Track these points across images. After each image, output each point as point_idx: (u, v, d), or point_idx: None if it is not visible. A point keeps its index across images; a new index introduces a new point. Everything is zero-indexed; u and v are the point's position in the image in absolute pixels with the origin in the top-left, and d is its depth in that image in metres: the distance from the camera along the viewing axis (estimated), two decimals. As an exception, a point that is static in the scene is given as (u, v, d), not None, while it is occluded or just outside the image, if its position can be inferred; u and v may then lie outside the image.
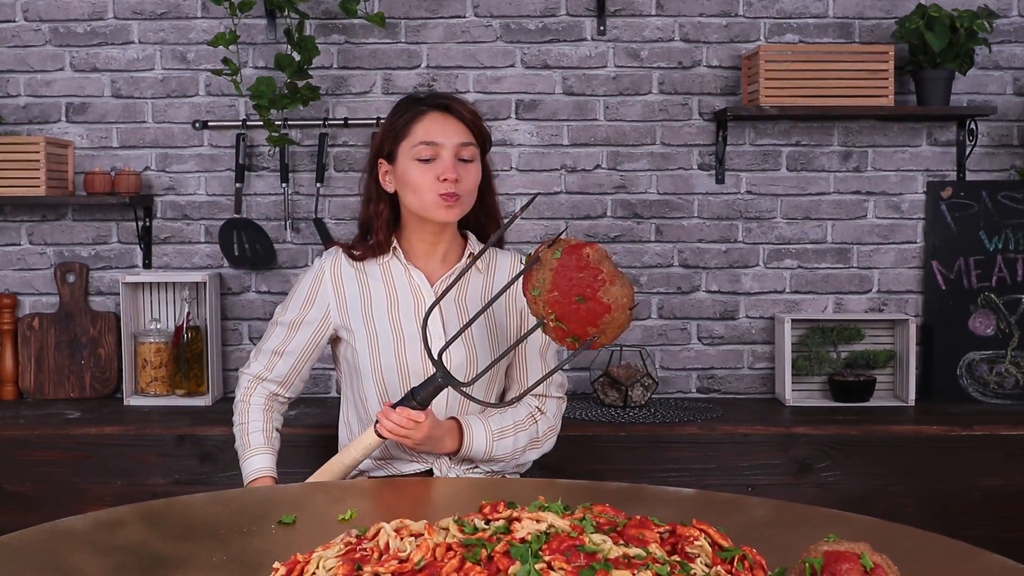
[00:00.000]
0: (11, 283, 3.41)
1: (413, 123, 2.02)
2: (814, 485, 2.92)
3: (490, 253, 2.14)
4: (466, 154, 2.02)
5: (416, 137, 2.01)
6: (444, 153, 2.00)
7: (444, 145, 2.00)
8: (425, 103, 2.04)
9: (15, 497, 2.91)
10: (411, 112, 2.04)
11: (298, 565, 1.28)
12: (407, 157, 2.02)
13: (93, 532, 1.56)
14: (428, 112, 2.03)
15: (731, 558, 1.28)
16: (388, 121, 2.08)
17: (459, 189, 2.00)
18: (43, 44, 3.38)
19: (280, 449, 2.20)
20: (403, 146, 2.03)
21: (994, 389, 3.30)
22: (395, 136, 2.04)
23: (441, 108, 2.03)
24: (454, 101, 2.05)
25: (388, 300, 2.07)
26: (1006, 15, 3.35)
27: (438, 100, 2.04)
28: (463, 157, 2.01)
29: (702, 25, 3.36)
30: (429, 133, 2.01)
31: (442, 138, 2.00)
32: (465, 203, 2.03)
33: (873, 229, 3.39)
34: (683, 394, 3.43)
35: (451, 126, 2.02)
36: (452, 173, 1.98)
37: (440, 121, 2.02)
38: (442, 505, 1.74)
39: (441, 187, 1.98)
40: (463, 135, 2.02)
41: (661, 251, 3.39)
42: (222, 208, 3.39)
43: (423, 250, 2.09)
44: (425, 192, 1.99)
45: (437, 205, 1.99)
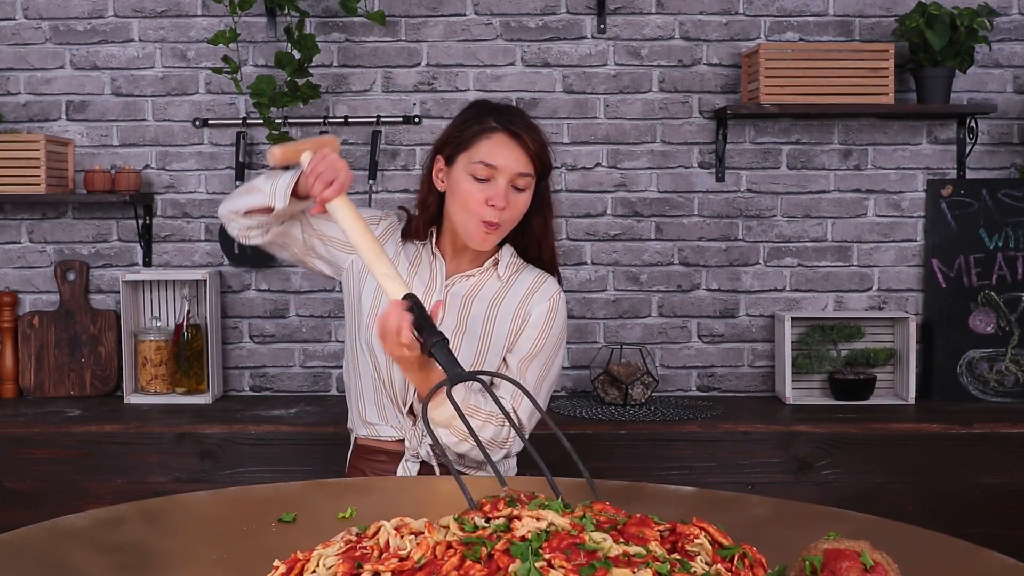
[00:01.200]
0: (11, 281, 3.41)
1: (480, 139, 2.00)
2: (814, 483, 2.92)
3: (516, 264, 2.12)
4: (521, 183, 2.00)
5: (477, 154, 1.99)
6: (500, 179, 1.98)
7: (502, 171, 1.98)
8: (498, 121, 2.01)
9: (15, 495, 2.91)
10: (481, 126, 2.01)
11: (298, 563, 1.27)
12: (463, 169, 2.00)
13: (93, 530, 1.56)
14: (497, 133, 2.00)
15: (731, 556, 1.28)
16: (456, 124, 2.05)
17: (502, 217, 1.98)
18: (43, 42, 3.38)
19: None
20: (463, 157, 2.01)
21: (994, 387, 3.30)
22: (458, 144, 2.02)
23: (511, 134, 2.00)
24: (525, 130, 2.01)
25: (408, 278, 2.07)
26: (1006, 13, 3.34)
27: (510, 124, 2.00)
28: (517, 186, 1.99)
29: (702, 23, 3.36)
30: (491, 155, 1.98)
31: (503, 163, 1.98)
32: (503, 231, 2.02)
33: (873, 227, 3.39)
34: (683, 392, 3.43)
35: (515, 154, 1.99)
36: (502, 201, 1.96)
37: (505, 146, 1.99)
38: (442, 504, 1.74)
39: (487, 212, 1.97)
40: (524, 165, 1.99)
41: (661, 249, 3.39)
42: (222, 206, 3.38)
43: (456, 248, 2.09)
44: (470, 211, 1.98)
45: (477, 230, 1.99)
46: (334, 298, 3.41)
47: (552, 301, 2.08)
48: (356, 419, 2.14)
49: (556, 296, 2.09)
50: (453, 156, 2.03)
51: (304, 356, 3.42)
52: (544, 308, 2.07)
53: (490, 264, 2.09)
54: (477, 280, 2.08)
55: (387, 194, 3.37)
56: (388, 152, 3.37)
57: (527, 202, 2.03)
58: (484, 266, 2.09)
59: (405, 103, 3.37)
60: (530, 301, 2.07)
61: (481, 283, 2.08)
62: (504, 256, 2.10)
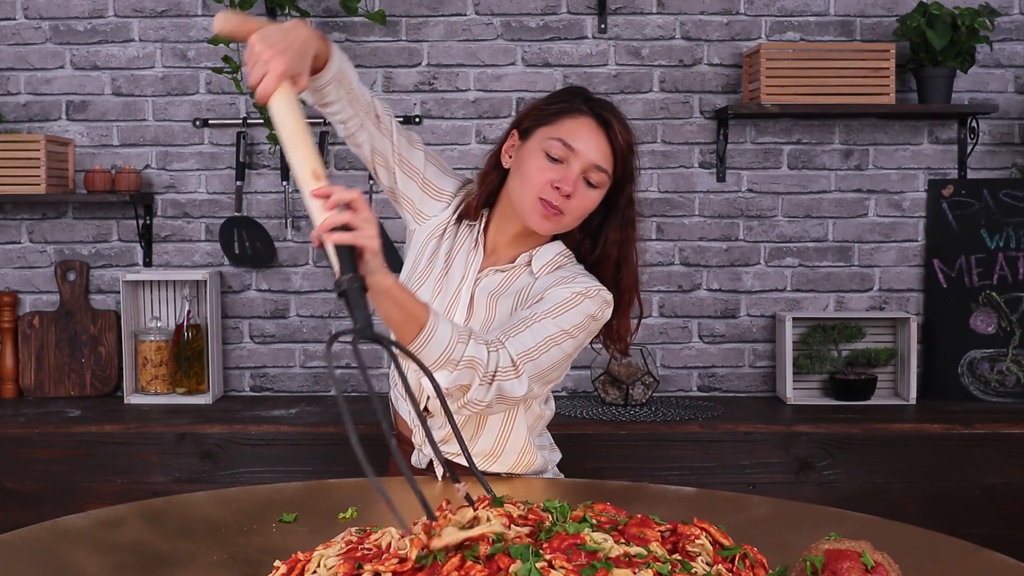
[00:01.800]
0: (11, 281, 3.41)
1: (564, 116, 1.83)
2: (815, 483, 2.91)
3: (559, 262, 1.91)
4: (595, 179, 1.81)
5: (559, 131, 1.81)
6: (574, 163, 1.80)
7: (580, 155, 1.80)
8: (589, 105, 1.85)
9: (16, 495, 2.91)
10: (569, 104, 1.85)
11: (299, 564, 1.27)
12: (538, 143, 1.82)
13: (93, 530, 1.56)
14: (584, 115, 1.83)
15: (732, 556, 1.28)
16: (543, 100, 1.89)
17: (566, 207, 1.80)
18: (43, 42, 3.37)
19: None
20: (541, 131, 1.83)
21: (995, 387, 3.29)
22: (539, 117, 1.85)
23: (600, 120, 1.83)
24: (616, 121, 1.83)
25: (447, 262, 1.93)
26: (1007, 13, 3.34)
27: (601, 110, 1.84)
28: (590, 179, 1.81)
29: (703, 23, 3.36)
30: (572, 135, 1.81)
31: (582, 147, 1.80)
32: (565, 223, 1.83)
33: (874, 227, 3.39)
34: (684, 392, 3.42)
35: (598, 142, 1.82)
36: (569, 186, 1.78)
37: (590, 130, 1.82)
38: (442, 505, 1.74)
39: (549, 193, 1.79)
40: (604, 157, 1.82)
41: (662, 249, 3.39)
42: (222, 206, 3.39)
43: (501, 240, 1.92)
44: (531, 187, 1.80)
45: (534, 207, 1.80)
46: (334, 298, 3.40)
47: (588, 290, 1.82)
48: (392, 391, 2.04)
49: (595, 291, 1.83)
50: (530, 129, 1.86)
51: (304, 356, 3.42)
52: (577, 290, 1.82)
53: (524, 260, 1.91)
54: (507, 276, 1.91)
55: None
56: (389, 152, 3.37)
57: (596, 202, 1.84)
58: (517, 261, 1.91)
59: (406, 103, 3.37)
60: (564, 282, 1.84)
61: (511, 279, 1.91)
62: (544, 253, 1.91)
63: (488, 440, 1.93)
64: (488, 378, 1.68)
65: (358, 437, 1.24)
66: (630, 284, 1.90)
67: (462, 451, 1.47)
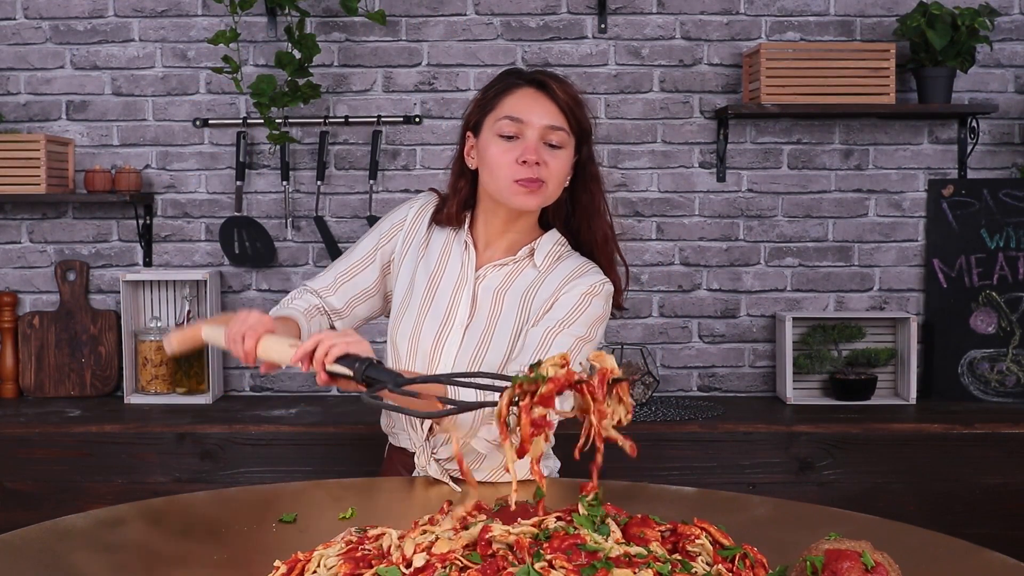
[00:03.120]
0: (11, 281, 3.41)
1: (503, 95, 1.85)
2: (815, 483, 2.91)
3: (558, 251, 1.93)
4: (554, 139, 1.83)
5: (502, 111, 1.84)
6: (529, 133, 1.82)
7: (530, 124, 1.82)
8: (523, 76, 1.87)
9: (16, 495, 2.91)
10: (503, 84, 1.87)
11: (299, 564, 1.27)
12: (490, 131, 1.85)
13: (93, 530, 1.56)
14: (521, 87, 1.85)
15: (732, 556, 1.28)
16: (481, 91, 1.92)
17: (543, 175, 1.81)
18: (43, 42, 3.37)
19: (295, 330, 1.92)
20: (488, 119, 1.86)
21: (995, 387, 3.29)
22: (483, 108, 1.88)
23: (536, 84, 1.85)
24: (552, 80, 1.85)
25: (437, 269, 1.94)
26: (1007, 13, 3.34)
27: (535, 75, 1.86)
28: (550, 142, 1.83)
29: (703, 23, 3.36)
30: (516, 108, 1.83)
31: (528, 115, 1.82)
32: (549, 192, 1.85)
33: (874, 227, 3.39)
34: (684, 392, 3.42)
35: (541, 105, 1.83)
36: (534, 155, 1.80)
37: (531, 97, 1.84)
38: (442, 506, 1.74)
39: (520, 171, 1.81)
40: (554, 117, 1.83)
41: (662, 249, 3.39)
42: (223, 206, 3.39)
43: (491, 233, 1.93)
44: (502, 173, 1.82)
45: (513, 191, 1.82)
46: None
47: (593, 288, 1.87)
48: (384, 419, 2.06)
49: (599, 286, 1.88)
50: (479, 122, 1.89)
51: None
52: (582, 290, 1.86)
53: (526, 253, 1.91)
54: (511, 270, 1.91)
55: (387, 194, 3.37)
56: (389, 152, 3.37)
57: (566, 162, 1.86)
58: (519, 255, 1.91)
59: (406, 103, 3.37)
60: (571, 283, 1.87)
61: (515, 274, 1.91)
62: (544, 244, 1.92)
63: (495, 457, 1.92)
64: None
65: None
66: (601, 239, 1.93)
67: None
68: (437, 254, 1.96)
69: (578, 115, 1.87)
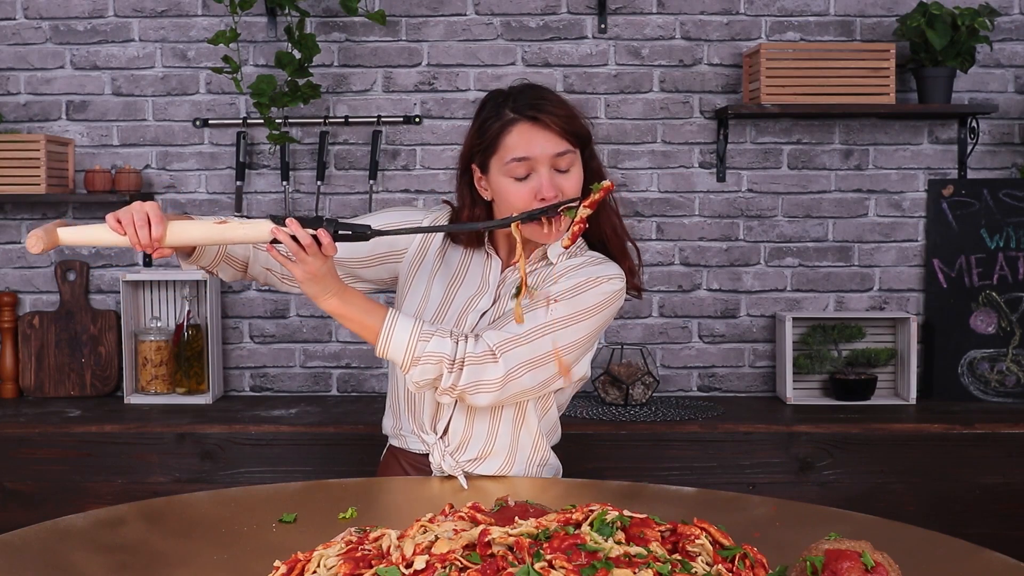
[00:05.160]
0: (12, 281, 3.41)
1: (502, 136, 1.87)
2: (815, 483, 2.91)
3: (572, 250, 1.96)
4: (563, 164, 1.86)
5: (507, 152, 1.86)
6: (540, 168, 1.84)
7: (539, 159, 1.84)
8: (514, 110, 1.87)
9: (16, 495, 2.91)
10: (500, 122, 1.88)
11: (299, 564, 1.27)
12: (500, 173, 1.87)
13: (93, 530, 1.56)
14: (517, 123, 1.86)
15: (732, 556, 1.28)
16: (476, 127, 1.92)
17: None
18: (43, 42, 3.37)
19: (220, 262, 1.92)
20: (494, 161, 1.88)
21: (995, 387, 3.29)
22: (484, 149, 1.89)
23: (530, 119, 1.86)
24: (543, 111, 1.86)
25: (456, 274, 1.98)
26: (1007, 13, 3.34)
27: (526, 110, 1.86)
28: (559, 167, 1.86)
29: (703, 23, 3.36)
30: (519, 148, 1.85)
31: (536, 151, 1.84)
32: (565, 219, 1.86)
33: (874, 227, 3.39)
34: (684, 392, 3.42)
35: (541, 138, 1.85)
36: (550, 191, 1.83)
37: (529, 134, 1.85)
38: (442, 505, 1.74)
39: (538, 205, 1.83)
40: (557, 145, 1.85)
41: (662, 249, 3.39)
42: (223, 206, 3.39)
43: (510, 244, 1.96)
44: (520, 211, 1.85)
45: (533, 228, 1.85)
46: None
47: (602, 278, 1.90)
48: (389, 416, 2.08)
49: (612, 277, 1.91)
50: (485, 163, 1.90)
51: (304, 356, 3.42)
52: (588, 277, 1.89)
53: (539, 255, 1.96)
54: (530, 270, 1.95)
55: (387, 194, 3.37)
56: (388, 152, 3.37)
57: (579, 178, 1.89)
58: (533, 258, 1.96)
59: (406, 103, 3.37)
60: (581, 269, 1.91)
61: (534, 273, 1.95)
62: (555, 244, 1.95)
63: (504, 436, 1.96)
64: (457, 365, 1.79)
65: None
66: (611, 231, 1.97)
67: None
68: (455, 267, 1.99)
69: (577, 129, 1.89)
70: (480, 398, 1.83)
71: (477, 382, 1.81)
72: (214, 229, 1.68)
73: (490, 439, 1.96)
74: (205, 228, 1.70)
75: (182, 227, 1.70)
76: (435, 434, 1.97)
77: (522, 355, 1.83)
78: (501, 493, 1.65)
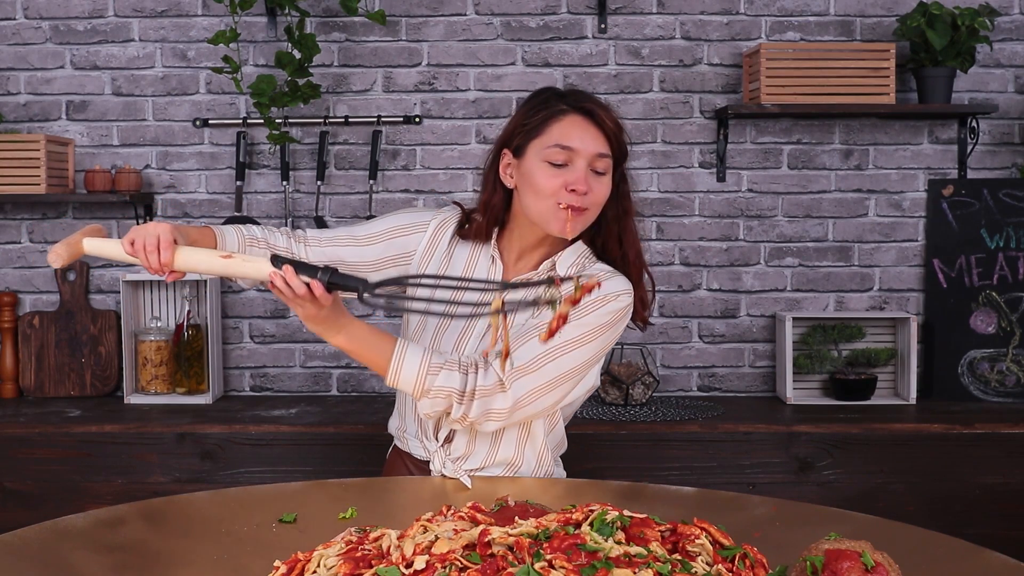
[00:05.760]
0: (12, 281, 3.41)
1: (551, 122, 1.87)
2: (815, 483, 2.91)
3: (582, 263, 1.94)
4: (600, 166, 1.86)
5: (551, 138, 1.86)
6: (579, 161, 1.85)
7: (580, 152, 1.85)
8: (567, 102, 1.89)
9: (15, 495, 2.91)
10: (550, 110, 1.88)
11: (299, 564, 1.27)
12: (537, 156, 1.86)
13: (93, 530, 1.56)
14: (569, 114, 1.87)
15: (732, 556, 1.28)
16: (522, 113, 1.92)
17: (586, 203, 1.85)
18: (43, 42, 3.37)
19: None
20: (535, 144, 1.87)
21: (995, 387, 3.29)
22: (528, 132, 1.89)
23: (584, 112, 1.87)
24: (598, 107, 1.89)
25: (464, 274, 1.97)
26: (1007, 13, 3.34)
27: (582, 103, 1.88)
28: (597, 169, 1.86)
29: (703, 23, 3.36)
30: (567, 136, 1.85)
31: (580, 144, 1.85)
32: (588, 218, 1.88)
33: (874, 227, 3.39)
34: (684, 392, 3.42)
35: (591, 133, 1.86)
36: (583, 185, 1.83)
37: (581, 126, 1.86)
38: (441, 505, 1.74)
39: (567, 197, 1.83)
40: (602, 145, 1.87)
41: (662, 249, 3.39)
42: (223, 206, 3.39)
43: (521, 248, 1.96)
44: (548, 198, 1.84)
45: (557, 217, 1.84)
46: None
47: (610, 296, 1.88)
48: (394, 423, 2.08)
49: (619, 294, 1.89)
50: (523, 146, 1.89)
51: (304, 356, 3.42)
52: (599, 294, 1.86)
53: (547, 267, 1.94)
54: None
55: (387, 194, 3.37)
56: (389, 152, 3.37)
57: (609, 187, 1.89)
58: (541, 269, 1.95)
59: (406, 103, 3.37)
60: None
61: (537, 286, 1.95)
62: (566, 257, 1.95)
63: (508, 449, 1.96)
64: (467, 397, 1.80)
65: None
66: (634, 256, 1.95)
67: None
68: (462, 267, 1.98)
69: (620, 140, 1.91)
70: (489, 426, 1.86)
71: (487, 411, 1.83)
72: (217, 262, 1.71)
73: (492, 453, 1.96)
74: (210, 260, 1.72)
75: (189, 255, 1.73)
76: (437, 442, 1.97)
77: (530, 383, 1.83)
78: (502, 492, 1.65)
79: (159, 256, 1.71)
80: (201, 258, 1.73)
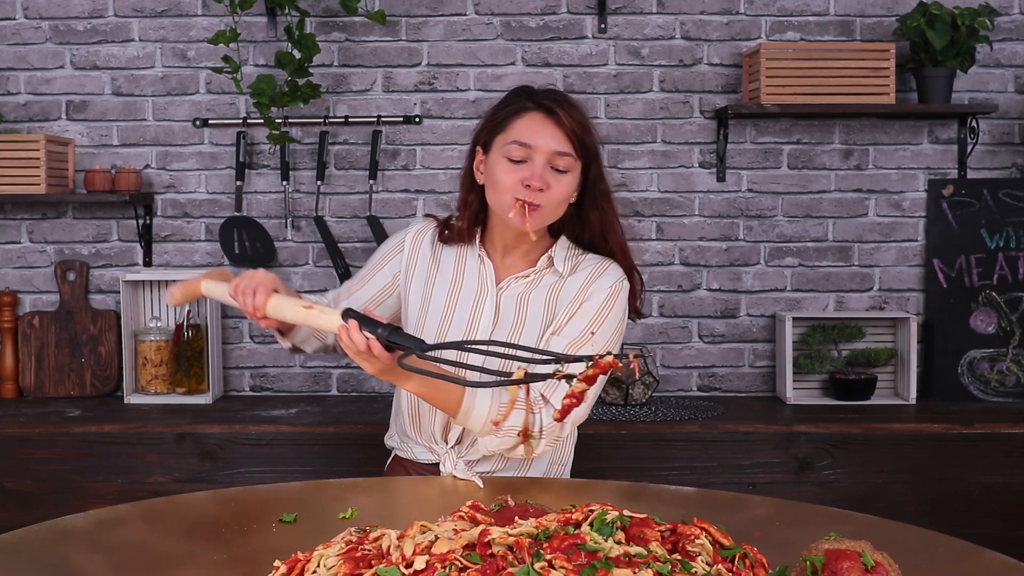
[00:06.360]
0: (11, 281, 3.41)
1: (513, 118, 1.91)
2: (815, 483, 2.91)
3: (575, 253, 2.00)
4: (561, 164, 1.89)
5: (512, 134, 1.90)
6: (537, 158, 1.88)
7: (538, 149, 1.88)
8: (533, 99, 1.92)
9: (16, 495, 2.91)
10: (514, 106, 1.93)
11: (299, 564, 1.27)
12: (498, 151, 1.91)
13: (93, 530, 1.56)
14: (531, 111, 1.91)
15: (732, 556, 1.28)
16: (492, 110, 1.97)
17: (542, 200, 1.87)
18: (43, 42, 3.37)
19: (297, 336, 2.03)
20: (498, 140, 1.92)
21: (995, 387, 3.29)
22: (493, 128, 1.94)
23: (545, 110, 1.90)
24: (560, 106, 1.91)
25: (453, 283, 2.00)
26: (1007, 13, 3.34)
27: (544, 100, 1.91)
28: (557, 167, 1.89)
29: (703, 23, 3.36)
30: (524, 133, 1.89)
31: (537, 141, 1.88)
32: (546, 215, 1.91)
33: (874, 227, 3.39)
34: (684, 392, 3.42)
35: (549, 131, 1.89)
36: (539, 182, 1.86)
37: (539, 123, 1.90)
38: (443, 505, 1.74)
39: (522, 192, 1.87)
40: (562, 143, 1.89)
41: (662, 249, 3.39)
42: (223, 206, 3.39)
43: (504, 246, 2.00)
44: (505, 194, 1.88)
45: (515, 212, 1.88)
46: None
47: (613, 289, 1.95)
48: (395, 433, 2.10)
49: (618, 284, 1.96)
50: (489, 142, 1.94)
51: (304, 356, 3.42)
52: (604, 295, 1.94)
53: (545, 261, 1.99)
54: (533, 279, 1.98)
55: (387, 194, 3.37)
56: (388, 152, 3.37)
57: (570, 186, 1.92)
58: (539, 265, 1.99)
59: (405, 103, 3.37)
60: (592, 285, 1.95)
61: (538, 281, 1.98)
62: (559, 250, 2.00)
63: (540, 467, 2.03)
64: (534, 437, 1.86)
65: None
66: (620, 252, 2.01)
67: None
68: (451, 270, 2.01)
69: (584, 139, 1.93)
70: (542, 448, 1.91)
71: (551, 441, 1.90)
72: (300, 311, 1.82)
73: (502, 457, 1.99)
74: (294, 309, 1.82)
75: (278, 302, 1.84)
76: (446, 444, 2.00)
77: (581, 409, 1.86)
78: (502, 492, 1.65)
79: (254, 299, 1.84)
80: (288, 305, 1.83)
